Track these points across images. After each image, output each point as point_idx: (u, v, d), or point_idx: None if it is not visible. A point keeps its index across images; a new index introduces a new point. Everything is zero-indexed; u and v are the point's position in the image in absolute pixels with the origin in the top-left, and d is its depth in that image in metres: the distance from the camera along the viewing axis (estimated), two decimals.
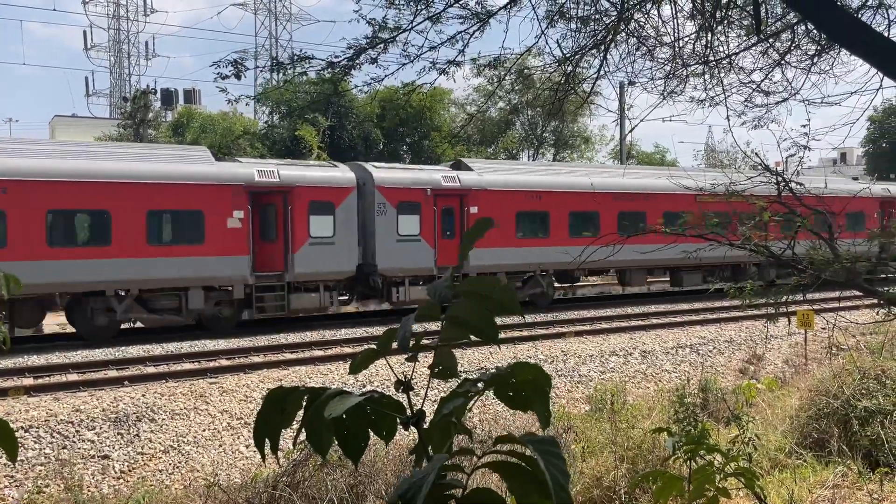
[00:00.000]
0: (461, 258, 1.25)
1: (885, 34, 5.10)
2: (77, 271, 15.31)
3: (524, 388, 1.20)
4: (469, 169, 20.84)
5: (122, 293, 16.15)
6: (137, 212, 15.84)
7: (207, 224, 16.52)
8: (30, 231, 14.89)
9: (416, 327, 1.21)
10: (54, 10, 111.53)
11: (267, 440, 1.23)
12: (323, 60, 6.25)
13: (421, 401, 1.35)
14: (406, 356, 1.22)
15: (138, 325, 17.24)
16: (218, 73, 6.18)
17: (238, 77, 6.15)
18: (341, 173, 18.73)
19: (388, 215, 18.75)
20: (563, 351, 15.27)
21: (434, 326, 1.21)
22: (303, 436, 1.22)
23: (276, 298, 17.57)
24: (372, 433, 1.24)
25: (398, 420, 1.21)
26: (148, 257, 15.96)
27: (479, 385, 1.17)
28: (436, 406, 1.21)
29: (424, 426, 1.20)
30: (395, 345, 1.21)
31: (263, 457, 1.28)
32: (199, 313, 16.97)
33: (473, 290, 1.21)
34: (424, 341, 1.24)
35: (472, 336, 1.21)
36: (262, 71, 30.68)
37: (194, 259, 16.41)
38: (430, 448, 1.19)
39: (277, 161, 19.97)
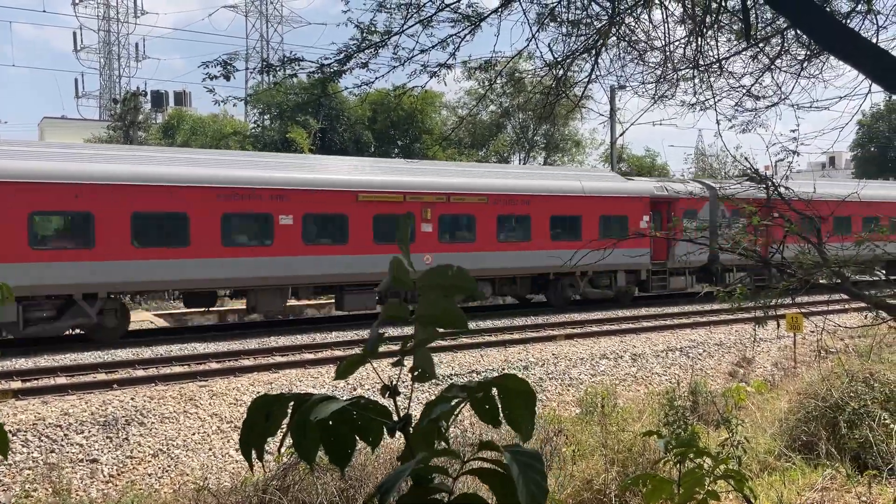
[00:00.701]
0: (404, 253, 1.24)
1: (874, 40, 5.13)
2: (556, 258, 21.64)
3: (513, 397, 1.19)
4: None
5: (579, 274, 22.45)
6: (595, 216, 22.42)
7: (630, 224, 22.53)
8: (489, 229, 20.56)
9: (409, 330, 1.20)
10: (44, 11, 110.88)
11: (253, 448, 1.22)
12: (313, 63, 6.21)
13: (407, 405, 1.35)
14: (392, 361, 1.21)
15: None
16: (207, 74, 6.11)
17: (227, 78, 6.10)
18: (700, 188, 24.67)
19: (725, 219, 24.23)
20: (553, 354, 15.28)
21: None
22: (288, 442, 1.21)
23: (659, 280, 23.97)
24: (359, 439, 1.22)
25: (384, 425, 1.20)
26: (599, 249, 21.29)
27: (464, 393, 1.15)
28: (421, 410, 1.20)
29: (411, 431, 1.19)
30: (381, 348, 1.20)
31: (251, 465, 1.27)
32: (618, 289, 22.95)
33: (433, 282, 1.19)
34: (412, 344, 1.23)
35: (440, 329, 1.20)
36: (252, 74, 30.61)
37: (623, 250, 20.96)
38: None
39: (662, 178, 28.17)
